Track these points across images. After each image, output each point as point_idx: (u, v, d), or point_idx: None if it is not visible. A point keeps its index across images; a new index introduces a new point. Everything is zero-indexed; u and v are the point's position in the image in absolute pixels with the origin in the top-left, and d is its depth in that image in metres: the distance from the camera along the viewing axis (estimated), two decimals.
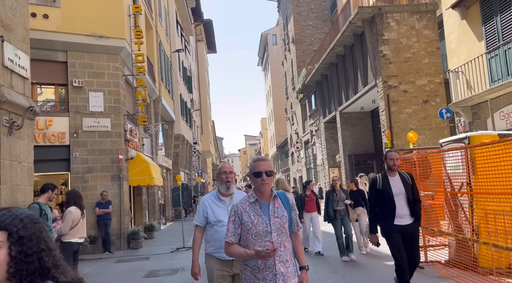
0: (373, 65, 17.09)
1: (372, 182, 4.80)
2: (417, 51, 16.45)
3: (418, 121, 16.18)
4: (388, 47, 16.41)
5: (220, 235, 3.17)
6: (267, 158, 3.05)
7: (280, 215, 2.52)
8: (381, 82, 16.37)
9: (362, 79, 18.97)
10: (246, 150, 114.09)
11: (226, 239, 2.52)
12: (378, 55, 16.46)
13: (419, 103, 16.27)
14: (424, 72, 16.35)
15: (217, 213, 3.34)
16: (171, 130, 23.23)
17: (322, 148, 26.76)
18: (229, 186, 3.38)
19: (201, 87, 44.09)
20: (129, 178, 12.66)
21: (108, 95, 12.04)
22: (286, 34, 37.55)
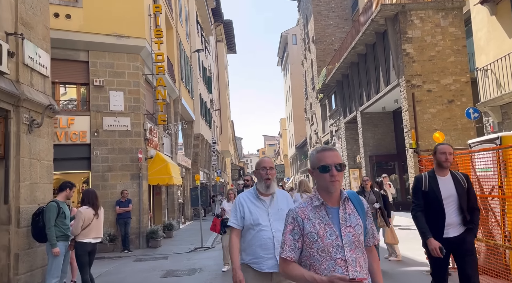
0: (395, 64, 16.66)
1: (417, 182, 3.83)
2: (442, 49, 15.94)
3: (442, 121, 15.69)
4: (411, 45, 15.96)
5: (259, 241, 2.83)
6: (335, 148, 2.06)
7: (353, 224, 1.95)
8: (404, 81, 15.93)
9: (384, 79, 18.54)
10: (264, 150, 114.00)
11: (283, 254, 1.95)
12: (401, 54, 16.04)
13: (444, 103, 15.77)
14: (449, 71, 15.84)
15: (255, 215, 2.90)
16: (190, 130, 23.31)
17: (342, 149, 26.34)
18: (269, 184, 2.95)
19: (220, 87, 44.20)
20: (148, 177, 12.70)
21: (128, 94, 12.10)
22: (306, 33, 37.21)
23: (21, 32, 5.60)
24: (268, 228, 2.84)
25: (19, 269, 5.46)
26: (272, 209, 2.93)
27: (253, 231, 2.87)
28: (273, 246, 2.80)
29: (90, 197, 5.47)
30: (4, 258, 5.32)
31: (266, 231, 2.84)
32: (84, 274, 5.38)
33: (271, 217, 2.89)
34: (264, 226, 2.83)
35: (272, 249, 2.80)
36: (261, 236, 2.82)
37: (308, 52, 36.75)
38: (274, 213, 2.91)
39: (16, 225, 5.47)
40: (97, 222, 5.47)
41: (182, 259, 9.91)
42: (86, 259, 5.39)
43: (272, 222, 2.87)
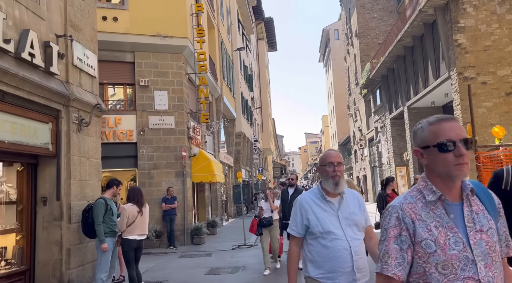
0: (446, 55, 15.76)
1: (495, 178, 2.94)
2: (499, 38, 14.86)
3: (499, 115, 14.65)
4: (464, 35, 15.02)
5: (333, 252, 2.36)
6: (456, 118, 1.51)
7: (485, 227, 1.42)
8: (456, 73, 15.03)
9: (433, 72, 17.61)
10: (306, 148, 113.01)
11: (386, 271, 1.40)
12: (453, 45, 15.14)
13: (501, 96, 14.71)
14: (507, 61, 14.74)
15: (323, 220, 2.42)
16: (232, 128, 23.45)
17: (388, 146, 25.42)
18: (338, 182, 2.46)
19: (261, 85, 44.22)
20: (192, 175, 12.86)
21: (172, 94, 12.31)
22: (349, 28, 36.29)
23: (70, 34, 5.79)
24: (342, 236, 2.38)
25: (71, 264, 5.66)
26: (342, 213, 2.46)
27: (323, 241, 2.40)
28: (350, 258, 2.35)
29: (135, 194, 5.56)
30: (56, 252, 5.53)
31: (340, 241, 2.37)
32: (130, 269, 5.48)
33: (342, 223, 2.42)
34: (337, 235, 2.38)
35: (349, 261, 2.35)
36: (335, 246, 2.36)
37: (351, 47, 35.82)
38: (345, 217, 2.45)
39: (67, 221, 5.68)
40: (142, 219, 5.54)
41: (226, 257, 9.93)
42: (132, 255, 5.47)
43: (345, 229, 2.41)
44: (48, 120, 5.47)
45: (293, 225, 2.52)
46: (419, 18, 16.97)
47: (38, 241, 5.52)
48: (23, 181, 5.53)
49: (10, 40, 4.60)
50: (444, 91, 17.76)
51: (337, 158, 2.53)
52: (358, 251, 2.39)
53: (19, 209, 5.53)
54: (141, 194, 5.62)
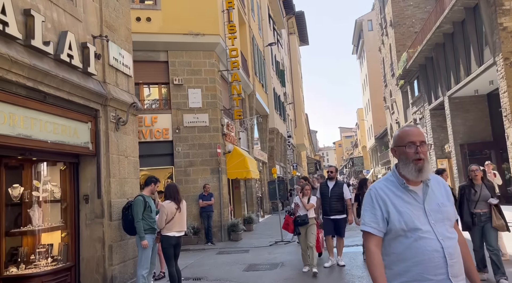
0: (490, 40, 14.88)
1: None
2: None
3: None
4: (509, 18, 14.11)
5: (420, 255, 1.87)
6: None
7: None
8: (502, 59, 14.16)
9: (476, 58, 16.70)
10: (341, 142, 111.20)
11: None
12: (497, 29, 14.26)
13: None
14: None
15: (407, 214, 1.93)
16: (265, 124, 23.37)
17: (428, 138, 24.45)
18: (422, 168, 1.95)
19: (293, 80, 43.83)
20: (227, 171, 12.90)
21: (205, 91, 12.37)
22: (383, 17, 35.18)
23: (105, 34, 5.89)
24: (432, 234, 1.89)
25: (113, 260, 5.77)
26: (429, 205, 1.96)
27: (406, 240, 1.91)
28: (444, 262, 1.86)
29: (171, 192, 5.58)
30: (99, 249, 5.66)
31: (429, 240, 1.88)
32: (170, 266, 5.51)
33: (430, 217, 1.93)
34: (424, 232, 1.89)
35: (443, 267, 1.85)
36: (422, 247, 1.87)
37: (385, 37, 34.72)
38: (433, 210, 1.95)
39: (108, 218, 5.79)
40: (180, 216, 5.56)
41: (263, 253, 9.87)
42: (171, 252, 5.50)
43: (434, 225, 1.91)
44: (87, 120, 5.60)
45: (370, 220, 1.99)
46: (459, 3, 16.13)
47: (82, 238, 5.67)
48: (66, 179, 5.69)
49: (49, 42, 4.71)
50: (488, 78, 16.81)
51: (419, 136, 1.99)
52: (453, 253, 1.90)
53: (63, 207, 5.70)
54: (177, 190, 5.63)
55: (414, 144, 1.97)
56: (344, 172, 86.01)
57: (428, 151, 4.69)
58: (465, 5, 16.29)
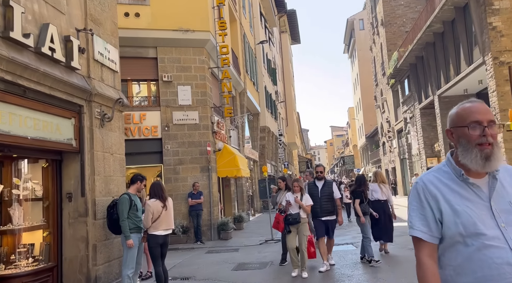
0: (480, 40, 14.95)
1: None
2: None
3: None
4: (499, 18, 14.18)
5: (484, 269, 1.45)
6: None
7: None
8: (491, 58, 14.24)
9: (465, 58, 16.78)
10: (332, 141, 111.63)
11: None
12: (487, 28, 14.33)
13: None
14: None
15: (466, 215, 1.50)
16: (256, 122, 23.25)
17: (418, 137, 24.59)
18: (490, 155, 1.50)
19: (285, 78, 43.78)
20: (217, 170, 12.76)
21: (195, 88, 12.21)
22: (374, 17, 35.29)
23: (90, 28, 5.71)
24: (502, 241, 1.46)
25: (97, 260, 5.62)
26: (498, 203, 1.52)
27: (466, 249, 1.49)
28: None
29: (156, 190, 5.43)
30: (83, 249, 5.50)
31: (498, 249, 1.45)
32: (156, 266, 5.38)
33: (499, 219, 1.49)
34: (491, 238, 1.46)
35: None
36: (488, 258, 1.45)
37: (377, 36, 34.83)
38: (503, 210, 1.51)
39: (93, 217, 5.63)
40: (167, 214, 5.42)
41: (253, 252, 9.77)
42: (158, 251, 5.37)
43: (505, 230, 1.47)
44: (71, 116, 5.43)
45: (420, 223, 1.56)
46: (449, 2, 16.18)
47: (65, 238, 5.51)
48: (48, 177, 5.52)
49: (29, 34, 4.54)
50: (478, 78, 16.90)
51: (486, 114, 1.55)
52: None
53: (45, 205, 5.52)
54: (162, 188, 5.47)
55: (481, 124, 1.51)
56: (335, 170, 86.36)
57: (499, 133, 3.16)
58: (455, 4, 16.35)
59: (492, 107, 14.54)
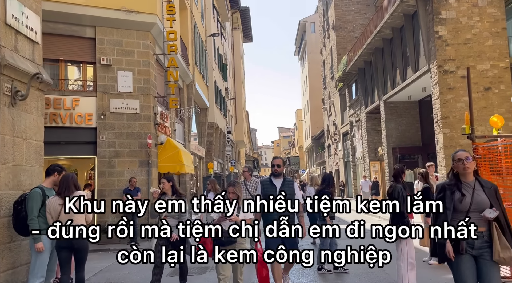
0: (426, 48, 15.36)
1: None
2: (480, 31, 14.57)
3: (477, 110, 14.34)
4: (445, 27, 14.63)
5: None
6: None
7: None
8: (436, 66, 14.65)
9: (412, 65, 17.24)
10: (279, 142, 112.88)
11: None
12: (433, 37, 14.73)
13: (480, 91, 14.45)
14: (486, 56, 14.48)
15: None
16: (204, 118, 22.42)
17: (363, 140, 25.13)
18: None
19: (236, 76, 43.19)
20: (158, 165, 11.85)
21: (137, 75, 11.21)
22: (326, 20, 35.79)
23: None
24: None
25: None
26: None
27: None
28: None
29: (63, 183, 4.41)
30: None
31: None
32: (62, 273, 4.47)
33: None
34: None
35: None
36: None
37: (327, 40, 35.35)
38: None
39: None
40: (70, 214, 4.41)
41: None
42: (63, 255, 4.43)
43: None
44: None
45: None
46: (399, 9, 16.51)
47: None
48: None
49: None
50: (421, 85, 17.44)
51: None
52: None
53: None
54: (68, 183, 4.41)
55: None
56: None
57: None
58: (405, 11, 16.71)
59: (435, 114, 14.97)
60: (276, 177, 5.30)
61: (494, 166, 5.46)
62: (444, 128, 14.44)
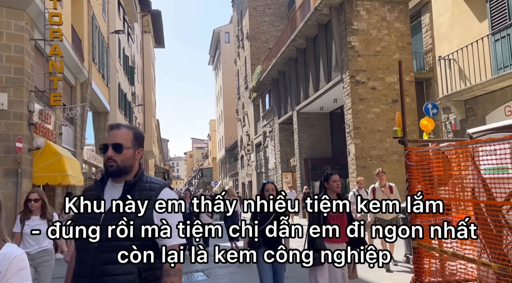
0: (339, 58, 15.29)
1: None
2: (388, 44, 14.90)
3: (386, 122, 14.59)
4: (357, 38, 14.69)
5: None
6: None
7: None
8: (348, 76, 14.59)
9: (325, 75, 17.15)
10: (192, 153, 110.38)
11: None
12: (346, 47, 14.69)
13: (388, 103, 14.71)
14: (394, 69, 14.82)
15: None
16: (104, 123, 19.92)
17: (276, 151, 24.73)
18: None
19: (145, 81, 40.57)
20: (32, 174, 9.56)
21: (5, 62, 8.92)
22: (240, 30, 35.41)
23: None
24: None
25: None
26: None
27: None
28: None
29: None
30: None
31: None
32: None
33: None
34: None
35: None
36: None
37: (241, 50, 34.93)
38: None
39: None
40: None
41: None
42: None
43: None
44: None
45: None
46: (313, 17, 16.35)
47: None
48: None
49: None
50: (333, 96, 17.45)
51: None
52: None
53: None
54: None
55: None
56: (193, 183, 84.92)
57: None
58: (319, 21, 16.61)
59: (347, 124, 14.85)
60: None
61: (426, 175, 4.76)
62: (355, 139, 14.33)
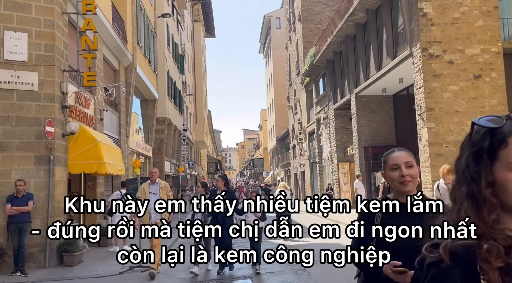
0: (408, 29, 13.16)
1: None
2: (469, 10, 12.53)
3: (466, 102, 12.34)
4: (430, 3, 12.50)
5: None
6: None
7: None
8: (420, 49, 12.47)
9: (389, 51, 15.04)
10: (244, 144, 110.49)
11: None
12: (417, 15, 12.56)
13: (469, 79, 12.41)
14: (477, 38, 12.46)
15: None
16: (152, 111, 19.35)
17: (331, 139, 22.89)
18: None
19: (196, 71, 40.15)
20: (67, 162, 8.79)
21: (35, 38, 8.13)
22: (291, 12, 33.56)
23: None
24: None
25: None
26: None
27: None
28: None
29: None
30: None
31: None
32: None
33: None
34: None
35: None
36: None
37: (293, 33, 33.11)
38: None
39: None
40: None
41: None
42: None
43: None
44: None
45: None
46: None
47: None
48: None
49: None
50: (399, 76, 15.31)
51: None
52: None
53: None
54: None
55: None
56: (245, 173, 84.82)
57: None
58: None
59: (418, 105, 12.78)
60: None
61: None
62: (428, 122, 12.25)
